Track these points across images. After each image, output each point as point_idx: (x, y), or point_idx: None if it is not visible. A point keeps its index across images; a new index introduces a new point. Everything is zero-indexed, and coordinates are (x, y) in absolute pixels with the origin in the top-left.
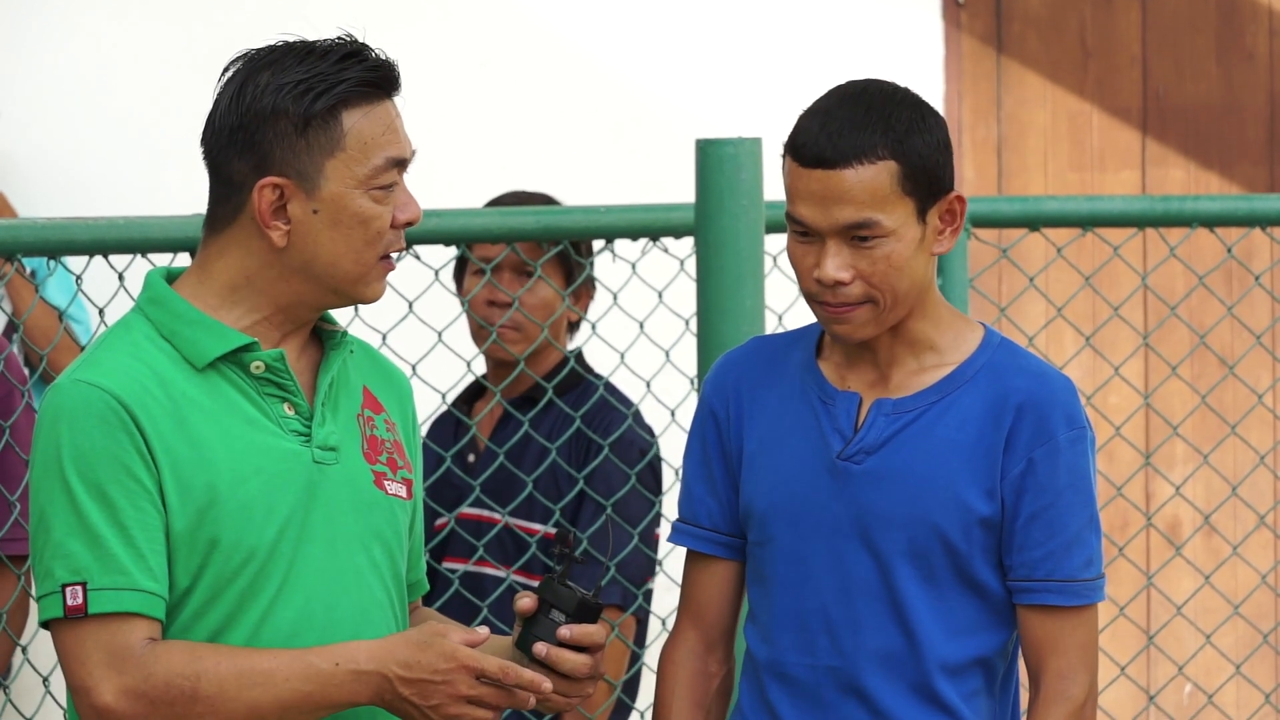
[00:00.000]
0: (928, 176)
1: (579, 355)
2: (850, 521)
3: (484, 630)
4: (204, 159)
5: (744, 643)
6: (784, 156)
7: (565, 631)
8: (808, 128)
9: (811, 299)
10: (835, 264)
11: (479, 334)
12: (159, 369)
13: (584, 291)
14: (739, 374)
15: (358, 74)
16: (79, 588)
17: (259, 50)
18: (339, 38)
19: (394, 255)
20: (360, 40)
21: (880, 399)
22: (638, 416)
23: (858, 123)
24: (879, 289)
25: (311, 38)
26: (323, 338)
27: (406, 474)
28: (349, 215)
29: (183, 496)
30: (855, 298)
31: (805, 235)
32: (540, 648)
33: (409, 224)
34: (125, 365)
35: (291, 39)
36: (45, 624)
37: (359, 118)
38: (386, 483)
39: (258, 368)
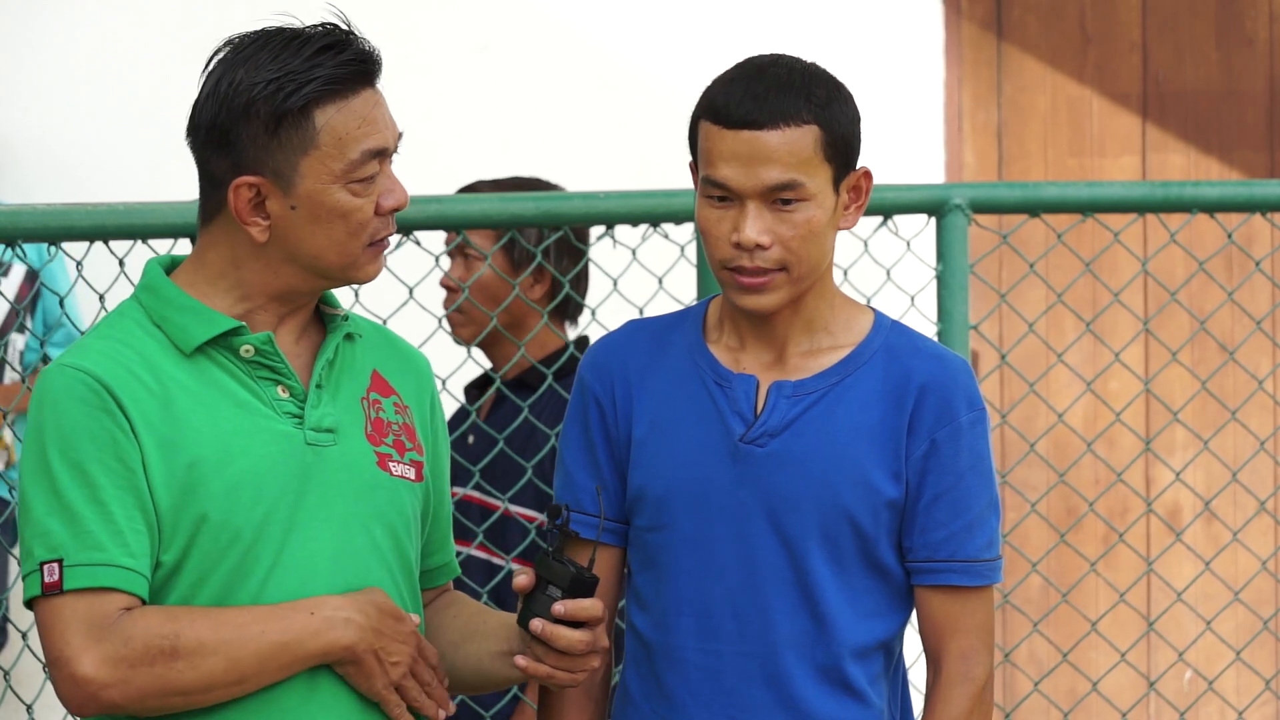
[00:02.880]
0: (845, 145)
1: (577, 341)
2: (757, 506)
3: (415, 617)
4: (191, 151)
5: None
6: (698, 123)
7: (560, 608)
8: (729, 92)
9: (724, 267)
10: (757, 227)
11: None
12: (147, 354)
13: (542, 274)
14: (622, 358)
15: (330, 70)
16: (55, 565)
17: (240, 40)
18: (323, 24)
19: (391, 239)
20: (343, 25)
21: (779, 381)
22: None
23: (782, 87)
24: (795, 254)
25: (301, 20)
26: (325, 321)
27: (416, 456)
28: (327, 210)
29: (167, 477)
30: (772, 263)
31: (723, 200)
32: (536, 624)
33: (395, 209)
34: (112, 350)
35: (276, 24)
36: (29, 603)
37: (332, 114)
38: (391, 464)
39: (247, 351)
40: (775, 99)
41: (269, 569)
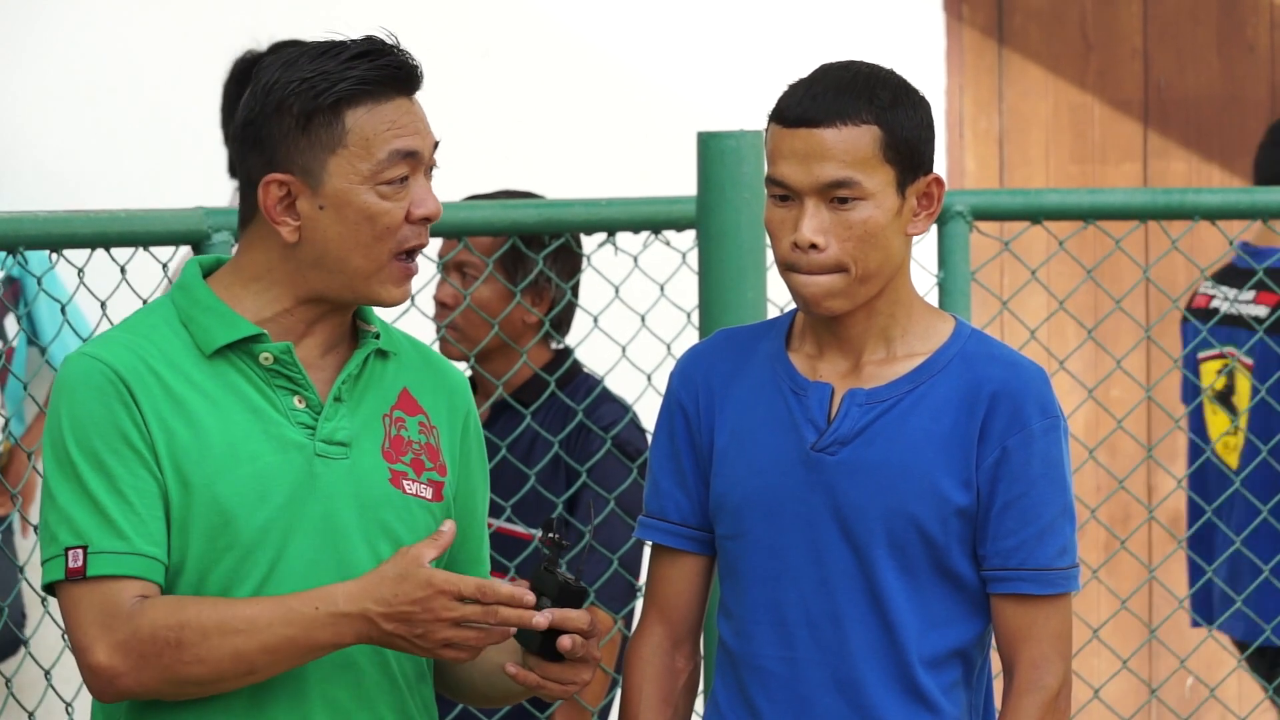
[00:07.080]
0: (909, 149)
1: (563, 355)
2: (827, 513)
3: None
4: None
5: (715, 636)
6: (768, 126)
7: (542, 618)
8: (793, 93)
9: (786, 267)
10: (813, 225)
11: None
12: (168, 351)
13: (542, 291)
14: (707, 367)
15: (362, 72)
16: (80, 551)
17: (287, 46)
18: (366, 36)
19: (416, 257)
20: (386, 39)
21: (853, 389)
22: (634, 419)
23: (844, 87)
24: (852, 255)
25: (344, 35)
26: (359, 336)
27: (435, 476)
28: (354, 211)
29: (173, 474)
30: (828, 263)
31: (784, 200)
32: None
33: (426, 219)
34: (134, 343)
35: (324, 37)
36: (48, 587)
37: (362, 115)
38: (405, 482)
39: (266, 359)
40: (834, 98)
41: (264, 576)
